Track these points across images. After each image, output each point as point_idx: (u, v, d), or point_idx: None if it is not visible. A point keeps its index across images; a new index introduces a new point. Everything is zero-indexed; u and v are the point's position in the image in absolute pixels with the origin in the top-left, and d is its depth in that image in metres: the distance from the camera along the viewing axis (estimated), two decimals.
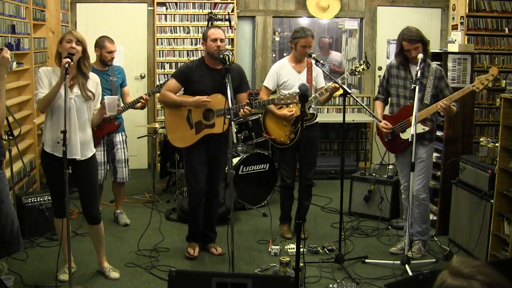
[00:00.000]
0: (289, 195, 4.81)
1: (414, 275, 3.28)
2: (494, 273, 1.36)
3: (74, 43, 3.50)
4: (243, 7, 7.29)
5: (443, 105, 3.96)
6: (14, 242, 3.33)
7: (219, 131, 4.10)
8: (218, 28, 4.22)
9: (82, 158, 3.63)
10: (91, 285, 3.82)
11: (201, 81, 4.13)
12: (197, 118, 4.15)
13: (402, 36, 4.09)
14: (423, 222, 4.34)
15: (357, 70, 4.43)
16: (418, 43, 4.03)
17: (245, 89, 4.32)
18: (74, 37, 3.52)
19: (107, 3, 7.02)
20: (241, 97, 4.24)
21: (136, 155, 7.09)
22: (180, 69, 4.33)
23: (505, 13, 6.03)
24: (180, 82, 4.18)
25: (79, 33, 3.58)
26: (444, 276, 1.39)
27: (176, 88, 4.21)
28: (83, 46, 3.55)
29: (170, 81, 4.26)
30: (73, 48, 3.47)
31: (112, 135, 4.90)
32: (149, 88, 7.12)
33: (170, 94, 4.17)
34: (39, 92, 3.53)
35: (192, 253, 4.28)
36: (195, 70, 4.15)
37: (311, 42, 4.51)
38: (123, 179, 5.01)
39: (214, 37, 4.07)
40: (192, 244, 4.34)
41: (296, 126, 4.57)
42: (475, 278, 1.34)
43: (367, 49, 7.50)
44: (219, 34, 4.10)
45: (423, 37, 4.06)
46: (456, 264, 1.41)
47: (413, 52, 4.05)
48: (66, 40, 3.52)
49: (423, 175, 4.22)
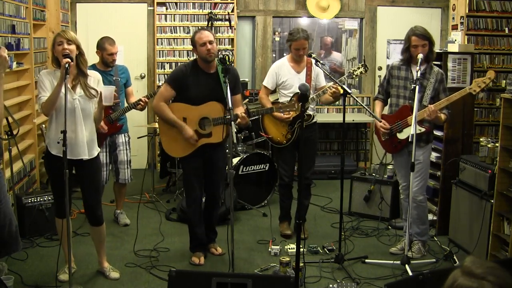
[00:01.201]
0: (287, 194, 4.81)
1: (414, 275, 3.28)
2: (506, 275, 1.36)
3: (66, 44, 3.48)
4: (243, 7, 7.29)
5: (431, 108, 3.94)
6: (12, 242, 3.33)
7: (217, 140, 4.04)
8: (203, 31, 4.05)
9: (89, 158, 3.63)
10: (91, 285, 3.82)
11: (195, 87, 4.03)
12: (193, 127, 4.04)
13: (412, 31, 4.10)
14: (422, 223, 4.34)
15: (355, 73, 4.40)
16: (426, 41, 4.05)
17: (238, 92, 4.24)
18: (64, 38, 3.50)
19: (107, 3, 7.02)
20: (235, 100, 4.12)
21: (136, 155, 7.06)
22: (174, 74, 4.16)
23: (505, 13, 6.03)
24: (174, 89, 4.06)
25: (68, 33, 3.55)
26: (456, 275, 1.39)
27: (171, 95, 4.10)
28: (75, 44, 3.53)
29: (163, 88, 4.12)
30: (65, 49, 3.45)
31: (115, 136, 4.90)
32: (149, 88, 7.13)
33: (166, 109, 4.04)
34: (42, 95, 3.51)
35: (198, 262, 4.20)
36: (189, 75, 4.05)
37: (304, 44, 4.47)
38: (125, 180, 5.01)
39: (202, 42, 3.96)
40: (197, 254, 4.26)
41: (292, 126, 4.58)
42: (486, 279, 1.34)
43: (367, 49, 7.50)
44: (206, 37, 3.97)
45: (431, 36, 4.10)
46: (468, 264, 1.40)
47: (420, 48, 4.05)
48: (57, 43, 3.50)
49: (420, 177, 4.22)
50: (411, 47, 4.10)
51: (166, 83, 4.14)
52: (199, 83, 4.04)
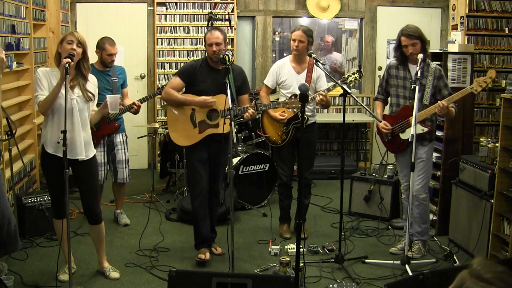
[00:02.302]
0: (286, 193, 4.81)
1: (414, 275, 3.27)
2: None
3: (75, 45, 3.49)
4: (243, 7, 7.29)
5: (441, 105, 3.95)
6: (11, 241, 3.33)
7: (223, 130, 4.09)
8: (215, 31, 4.14)
9: (85, 158, 3.63)
10: (91, 285, 3.82)
11: (204, 81, 4.13)
12: (201, 118, 4.15)
13: (401, 31, 4.13)
14: (423, 222, 4.34)
15: (349, 79, 4.37)
16: (416, 40, 4.04)
17: (247, 91, 4.33)
18: (76, 39, 3.50)
19: (107, 3, 7.02)
20: (243, 99, 4.26)
21: (136, 155, 7.09)
22: (185, 67, 4.30)
23: (505, 13, 6.02)
24: (184, 81, 4.17)
25: (80, 35, 3.56)
26: (464, 277, 1.37)
27: (180, 86, 4.20)
28: (83, 48, 3.55)
29: (174, 79, 4.26)
30: (73, 50, 3.46)
31: (113, 136, 4.90)
32: (149, 88, 7.13)
33: (174, 92, 4.17)
34: (39, 94, 3.51)
35: (204, 258, 4.18)
36: (199, 70, 4.16)
37: (300, 35, 4.49)
38: (123, 179, 5.01)
39: (209, 42, 4.09)
40: (202, 250, 4.25)
41: (288, 127, 4.60)
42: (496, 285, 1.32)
43: (367, 49, 7.50)
44: (214, 39, 4.07)
45: (422, 35, 4.08)
46: (477, 267, 1.38)
47: (410, 48, 4.05)
48: (67, 41, 3.50)
49: (423, 175, 4.22)
50: (402, 47, 4.11)
51: (176, 75, 4.27)
52: (207, 78, 4.14)
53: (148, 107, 7.26)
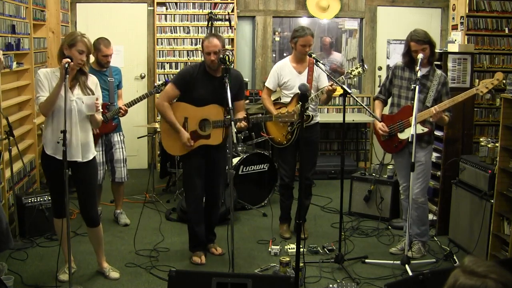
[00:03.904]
0: (288, 194, 4.81)
1: (414, 275, 3.28)
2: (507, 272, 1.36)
3: (85, 56, 3.52)
4: (243, 7, 7.29)
5: (434, 111, 3.95)
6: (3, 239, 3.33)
7: (215, 142, 4.09)
8: (212, 39, 4.03)
9: (84, 160, 3.62)
10: (91, 285, 3.82)
11: (202, 88, 4.07)
12: (193, 128, 4.10)
13: (410, 37, 4.08)
14: (422, 224, 4.33)
15: (353, 73, 4.37)
16: (425, 45, 4.02)
17: (242, 97, 4.29)
18: (87, 49, 3.52)
19: (107, 3, 7.02)
20: (238, 105, 4.19)
21: (136, 155, 7.09)
22: (181, 74, 4.19)
23: (505, 13, 6.02)
24: (179, 89, 4.10)
25: (90, 42, 3.58)
26: (456, 275, 1.38)
27: (175, 95, 4.15)
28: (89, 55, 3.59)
29: (169, 87, 4.16)
30: (82, 61, 3.50)
31: (110, 135, 4.91)
32: (149, 88, 7.12)
33: (168, 110, 4.08)
34: (40, 95, 3.51)
35: (199, 262, 4.20)
36: (196, 76, 4.09)
37: (311, 40, 4.50)
38: (121, 178, 5.01)
39: (207, 51, 4.00)
40: (197, 253, 4.26)
41: (292, 126, 4.58)
42: (489, 276, 1.34)
43: (367, 49, 7.50)
44: (212, 47, 3.98)
45: (431, 39, 4.06)
46: (469, 263, 1.40)
47: (420, 53, 4.04)
48: (79, 51, 3.50)
49: (422, 179, 4.21)
50: (411, 52, 4.09)
51: (172, 82, 4.18)
52: (204, 86, 4.08)
53: (148, 107, 7.26)
